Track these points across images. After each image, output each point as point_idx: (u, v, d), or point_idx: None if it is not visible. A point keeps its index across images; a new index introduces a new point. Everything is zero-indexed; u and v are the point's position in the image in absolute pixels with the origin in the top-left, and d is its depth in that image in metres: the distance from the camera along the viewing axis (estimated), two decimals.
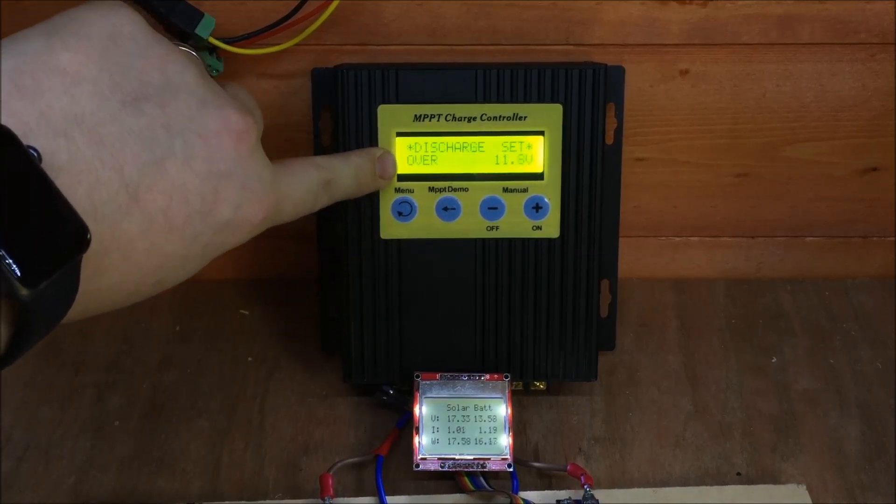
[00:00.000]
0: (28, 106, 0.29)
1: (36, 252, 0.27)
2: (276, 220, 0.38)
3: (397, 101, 0.48)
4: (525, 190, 0.49)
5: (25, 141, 0.28)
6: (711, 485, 0.48)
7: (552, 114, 0.48)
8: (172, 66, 0.34)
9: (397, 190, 0.49)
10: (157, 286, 0.34)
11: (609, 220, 0.51)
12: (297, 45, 0.49)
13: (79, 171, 0.29)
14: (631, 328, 0.57)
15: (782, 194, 0.57)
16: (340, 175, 0.43)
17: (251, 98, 0.40)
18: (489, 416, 0.48)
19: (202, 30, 0.46)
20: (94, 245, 0.29)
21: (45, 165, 0.28)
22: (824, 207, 0.58)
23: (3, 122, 0.28)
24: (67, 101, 0.30)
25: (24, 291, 0.26)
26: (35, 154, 0.28)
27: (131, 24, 0.33)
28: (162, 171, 0.32)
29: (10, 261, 0.26)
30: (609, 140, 0.51)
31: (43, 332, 0.29)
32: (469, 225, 0.49)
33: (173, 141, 0.33)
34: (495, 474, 0.48)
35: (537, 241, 0.49)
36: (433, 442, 0.47)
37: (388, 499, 0.46)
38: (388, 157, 0.47)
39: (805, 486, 0.47)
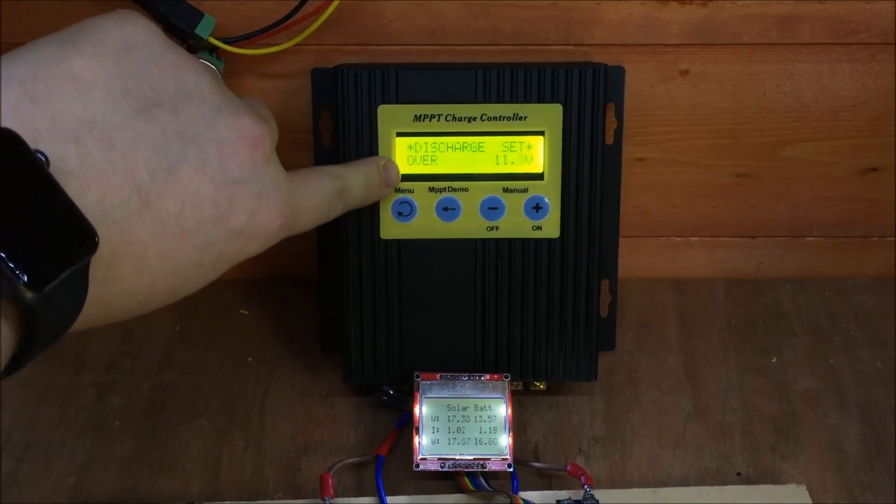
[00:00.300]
0: (39, 111, 0.29)
1: (41, 255, 0.27)
2: (293, 230, 0.38)
3: (397, 101, 0.48)
4: (525, 190, 0.49)
5: (34, 145, 0.28)
6: (711, 485, 0.48)
7: (552, 114, 0.48)
8: (187, 74, 0.34)
9: (397, 190, 0.49)
10: (170, 294, 0.34)
11: (609, 220, 0.51)
12: (297, 45, 0.49)
13: (89, 175, 0.29)
14: (631, 328, 0.57)
15: (782, 194, 0.57)
16: (352, 184, 0.43)
17: (267, 109, 0.40)
18: (489, 416, 0.48)
19: (202, 30, 0.47)
20: (104, 250, 0.29)
21: (55, 170, 0.28)
22: (824, 207, 0.58)
23: (13, 127, 0.27)
24: (79, 106, 0.30)
25: (28, 295, 0.26)
26: (42, 158, 0.28)
27: (146, 33, 0.33)
28: (174, 176, 0.32)
29: (14, 264, 0.26)
30: (609, 140, 0.51)
31: (51, 339, 0.29)
32: (469, 225, 0.49)
33: (186, 147, 0.33)
34: (495, 474, 0.48)
35: (537, 241, 0.49)
36: (433, 442, 0.47)
37: (388, 499, 0.46)
38: (392, 166, 0.47)
39: (805, 486, 0.47)
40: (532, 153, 0.49)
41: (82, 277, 0.29)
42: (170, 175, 0.32)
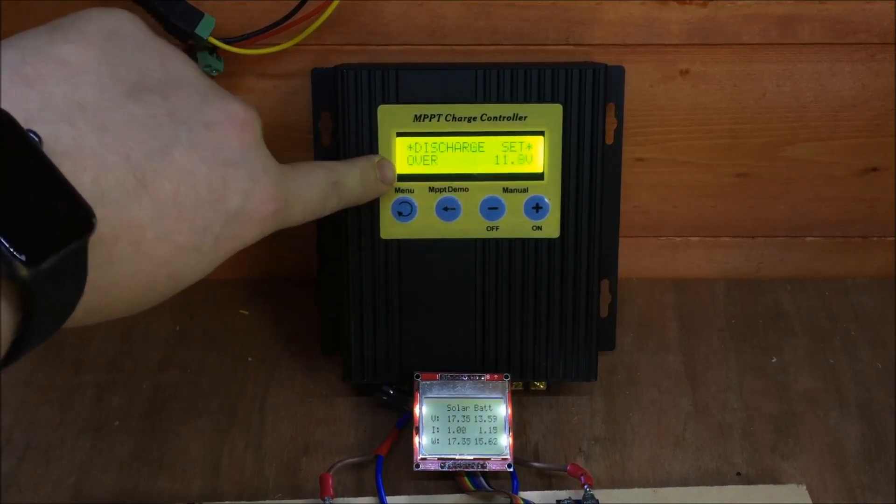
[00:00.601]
0: (30, 93, 0.29)
1: (38, 234, 0.27)
2: (287, 219, 0.38)
3: (397, 101, 0.48)
4: (525, 190, 0.49)
5: (27, 126, 0.28)
6: (711, 485, 0.48)
7: (552, 114, 0.48)
8: (172, 61, 0.35)
9: (397, 190, 0.49)
10: (170, 282, 0.34)
11: (609, 220, 0.51)
12: (297, 45, 0.49)
13: (84, 156, 0.30)
14: (631, 328, 0.57)
15: (782, 194, 0.57)
16: (347, 178, 0.43)
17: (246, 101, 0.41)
18: (489, 416, 0.48)
19: (202, 30, 0.47)
20: (103, 232, 0.29)
21: (49, 150, 0.28)
22: (824, 207, 0.58)
23: (5, 108, 0.28)
24: (70, 89, 0.30)
25: (24, 272, 0.26)
26: (35, 138, 0.28)
27: (130, 24, 0.34)
28: (168, 157, 0.32)
29: (10, 242, 0.26)
30: (609, 140, 0.51)
31: (52, 325, 0.29)
32: (469, 225, 0.49)
33: (178, 129, 0.33)
34: (495, 474, 0.48)
35: (537, 241, 0.49)
36: (433, 442, 0.47)
37: (388, 499, 0.46)
38: (387, 163, 0.47)
39: (805, 486, 0.47)
40: (532, 153, 0.49)
41: (81, 259, 0.29)
42: (163, 156, 0.32)
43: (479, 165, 0.49)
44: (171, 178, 0.32)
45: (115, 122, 0.31)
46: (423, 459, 0.47)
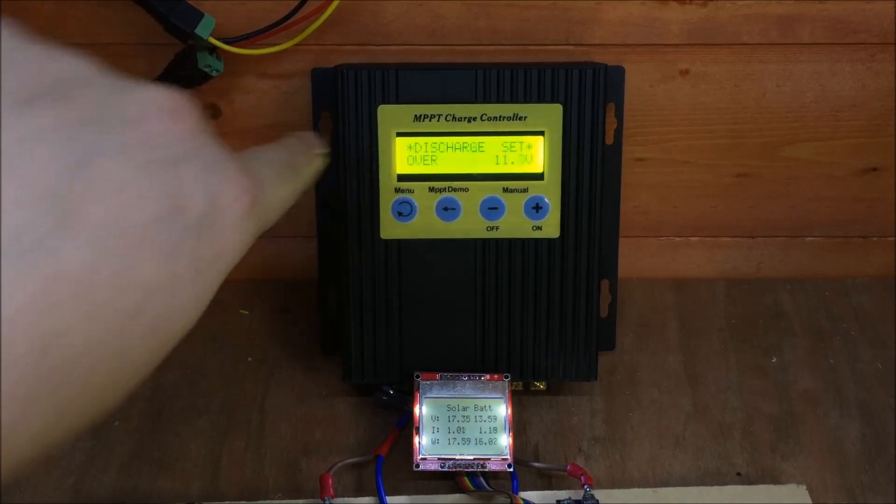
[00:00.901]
0: None
1: None
2: (266, 212, 0.31)
3: (397, 102, 0.48)
4: (525, 190, 0.49)
5: None
6: (711, 485, 0.48)
7: (552, 114, 0.48)
8: (62, 61, 0.26)
9: (397, 190, 0.49)
10: (150, 337, 0.26)
11: (609, 220, 0.51)
12: (297, 45, 0.49)
13: None
14: (631, 328, 0.57)
15: (782, 194, 0.57)
16: (294, 150, 0.37)
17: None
18: (489, 416, 0.48)
19: (202, 30, 0.47)
20: (28, 295, 0.22)
21: None
22: (824, 207, 0.58)
23: None
24: None
25: None
26: None
27: None
28: (93, 171, 0.24)
29: None
30: (609, 140, 0.51)
31: None
32: (469, 225, 0.49)
33: (96, 134, 0.25)
34: (495, 474, 0.48)
35: (537, 241, 0.49)
36: (433, 442, 0.47)
37: (388, 499, 0.46)
38: (308, 134, 0.39)
39: (805, 486, 0.47)
40: (532, 153, 0.49)
41: None
42: (87, 171, 0.24)
43: (479, 165, 0.49)
44: (104, 197, 0.24)
45: (10, 143, 0.23)
46: (423, 459, 0.47)
